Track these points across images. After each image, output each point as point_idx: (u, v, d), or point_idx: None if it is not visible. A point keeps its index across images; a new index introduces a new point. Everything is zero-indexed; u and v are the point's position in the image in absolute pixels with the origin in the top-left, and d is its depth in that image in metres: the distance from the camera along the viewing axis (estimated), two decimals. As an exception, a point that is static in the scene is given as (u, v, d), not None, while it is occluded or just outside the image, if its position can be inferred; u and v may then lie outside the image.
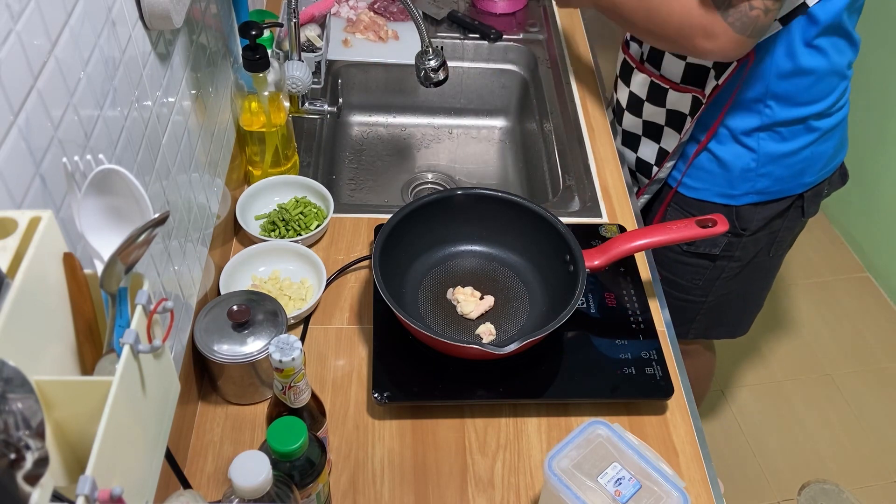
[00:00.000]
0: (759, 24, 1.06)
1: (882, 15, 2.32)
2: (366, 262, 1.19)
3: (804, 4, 1.10)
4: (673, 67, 1.27)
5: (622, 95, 1.39)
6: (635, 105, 1.36)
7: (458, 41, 1.67)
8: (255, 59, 1.13)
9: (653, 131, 1.36)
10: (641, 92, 1.34)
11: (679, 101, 1.28)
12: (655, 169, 1.37)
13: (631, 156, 1.43)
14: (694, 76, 1.24)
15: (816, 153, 1.28)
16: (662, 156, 1.35)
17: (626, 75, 1.38)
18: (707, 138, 1.28)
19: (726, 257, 1.37)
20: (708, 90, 1.22)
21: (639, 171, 1.42)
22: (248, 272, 1.14)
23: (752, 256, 1.38)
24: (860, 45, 1.24)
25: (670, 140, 1.33)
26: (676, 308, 1.45)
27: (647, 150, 1.38)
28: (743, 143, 1.26)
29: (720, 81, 1.20)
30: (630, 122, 1.39)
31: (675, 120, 1.30)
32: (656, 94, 1.31)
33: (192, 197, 0.98)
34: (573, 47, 1.69)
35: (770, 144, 1.25)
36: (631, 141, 1.41)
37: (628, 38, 1.37)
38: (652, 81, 1.31)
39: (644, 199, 1.43)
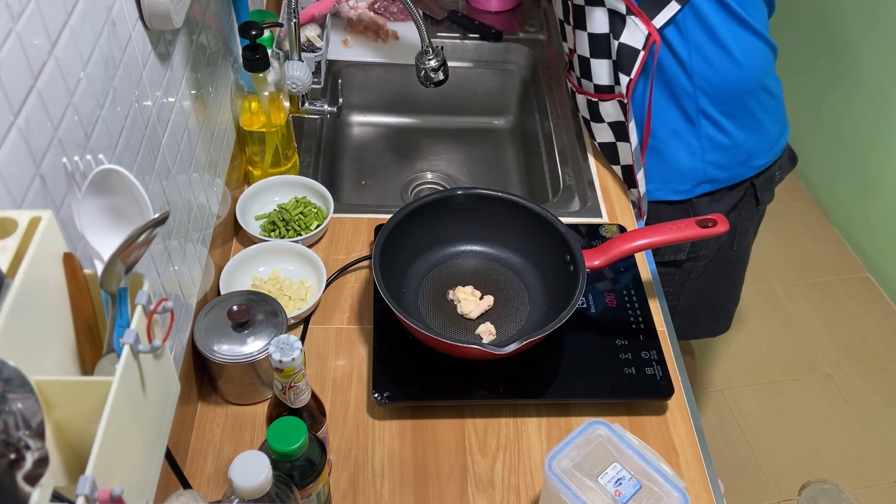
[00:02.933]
0: None
1: (881, 15, 2.32)
2: (366, 262, 1.19)
3: None
4: (598, 77, 1.27)
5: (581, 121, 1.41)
6: (588, 128, 1.39)
7: (458, 41, 1.67)
8: (255, 59, 1.12)
9: (610, 153, 1.35)
10: (586, 113, 1.35)
11: (612, 110, 1.29)
12: (633, 191, 1.35)
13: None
14: (611, 81, 1.25)
15: (759, 133, 1.29)
16: (629, 173, 1.33)
17: (573, 101, 1.40)
18: (645, 139, 1.28)
19: (691, 259, 1.37)
20: (623, 88, 1.23)
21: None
22: (248, 272, 1.14)
23: (714, 252, 1.38)
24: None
25: (626, 154, 1.32)
26: None
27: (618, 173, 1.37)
28: (683, 135, 1.27)
29: (632, 75, 1.20)
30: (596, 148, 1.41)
31: (621, 132, 1.30)
32: (594, 111, 1.32)
33: (192, 197, 0.98)
34: (573, 47, 1.69)
35: (710, 130, 1.26)
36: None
37: (567, 61, 1.37)
38: (588, 100, 1.32)
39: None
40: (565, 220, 1.15)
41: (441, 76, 1.34)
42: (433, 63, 1.33)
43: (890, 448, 2.05)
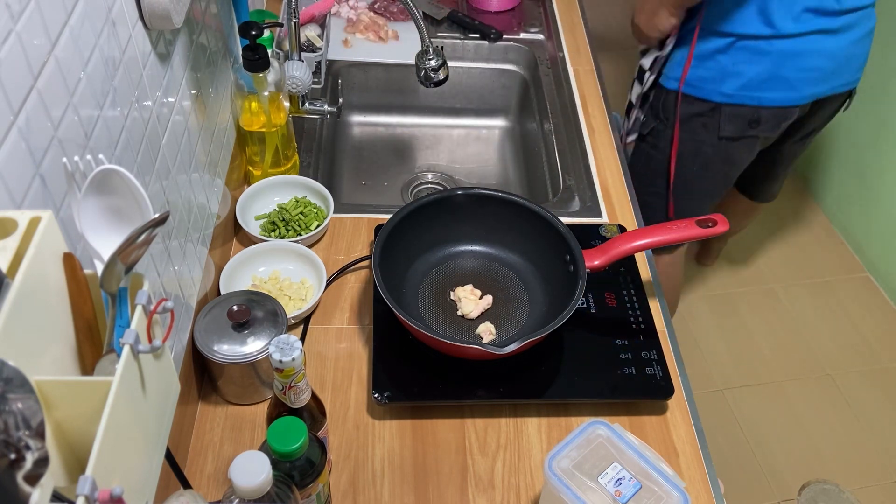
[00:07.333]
0: None
1: (881, 15, 2.32)
2: (366, 262, 1.19)
3: None
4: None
5: None
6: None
7: (458, 41, 1.67)
8: (255, 59, 1.12)
9: (639, 74, 1.60)
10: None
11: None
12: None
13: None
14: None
15: (739, 68, 1.43)
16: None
17: None
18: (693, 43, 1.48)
19: (650, 142, 1.61)
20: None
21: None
22: (248, 272, 1.14)
23: (670, 154, 1.57)
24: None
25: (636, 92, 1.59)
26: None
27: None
28: (684, 37, 1.48)
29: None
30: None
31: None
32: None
33: (192, 197, 0.98)
34: (573, 47, 1.69)
35: (702, 43, 1.45)
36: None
37: None
38: None
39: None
40: (565, 220, 1.15)
41: (441, 76, 1.34)
42: (433, 63, 1.33)
43: (890, 448, 2.05)
